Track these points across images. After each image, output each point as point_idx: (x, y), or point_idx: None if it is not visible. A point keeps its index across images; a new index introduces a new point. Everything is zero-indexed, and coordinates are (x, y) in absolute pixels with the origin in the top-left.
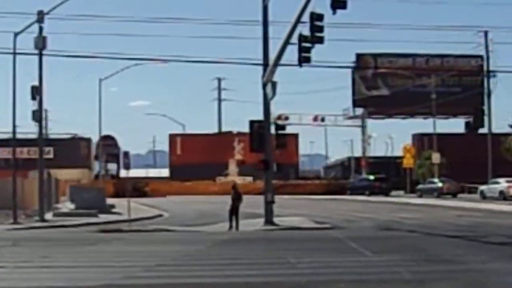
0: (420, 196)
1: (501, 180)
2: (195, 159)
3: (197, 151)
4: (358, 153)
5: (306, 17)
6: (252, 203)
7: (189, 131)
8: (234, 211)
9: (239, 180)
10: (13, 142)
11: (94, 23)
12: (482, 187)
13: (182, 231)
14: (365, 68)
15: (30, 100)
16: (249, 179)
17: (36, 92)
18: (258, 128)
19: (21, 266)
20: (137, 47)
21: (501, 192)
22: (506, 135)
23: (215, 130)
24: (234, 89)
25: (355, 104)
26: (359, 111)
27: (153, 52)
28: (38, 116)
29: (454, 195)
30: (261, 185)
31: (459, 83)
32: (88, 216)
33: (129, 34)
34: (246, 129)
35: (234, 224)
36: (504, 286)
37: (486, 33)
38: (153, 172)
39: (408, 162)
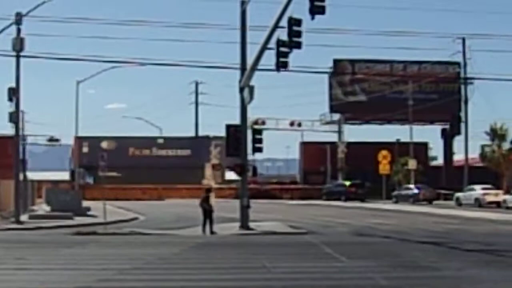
0: (396, 202)
1: (477, 187)
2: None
3: None
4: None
5: (284, 22)
6: (227, 208)
7: (166, 134)
8: (206, 215)
9: (214, 184)
10: None
11: (72, 25)
12: (458, 194)
13: (157, 234)
14: (343, 73)
15: (7, 102)
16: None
17: (13, 93)
18: (234, 133)
19: None
20: (114, 49)
21: (476, 199)
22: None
23: (192, 133)
24: (211, 93)
25: (332, 109)
26: (336, 116)
27: (130, 55)
28: (15, 117)
29: (430, 201)
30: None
31: (436, 90)
32: (63, 219)
33: (106, 37)
34: (223, 133)
35: (207, 228)
36: None
37: (463, 40)
38: None
39: (384, 168)
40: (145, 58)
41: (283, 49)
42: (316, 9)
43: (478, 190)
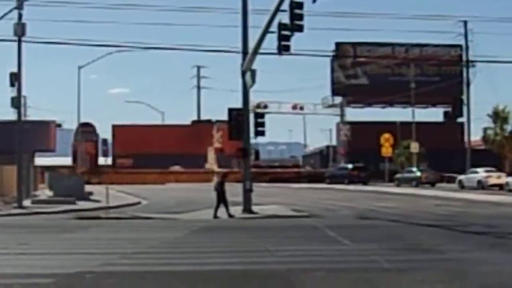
0: (399, 185)
1: (480, 170)
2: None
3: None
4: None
5: (285, 6)
6: (230, 191)
7: (168, 119)
8: (219, 199)
9: (217, 168)
10: None
11: (74, 10)
12: (461, 177)
13: (160, 218)
14: (344, 57)
15: (9, 87)
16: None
17: (15, 78)
18: (236, 116)
19: None
20: (116, 34)
21: (479, 182)
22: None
23: (194, 117)
24: (213, 77)
25: (334, 92)
26: (338, 99)
27: (132, 39)
28: (17, 102)
29: (432, 184)
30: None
31: (438, 73)
32: (66, 204)
33: (108, 21)
34: (225, 117)
35: (219, 212)
36: (482, 275)
37: (465, 22)
38: None
39: (386, 151)
40: (147, 42)
41: (284, 32)
42: None
43: (481, 172)
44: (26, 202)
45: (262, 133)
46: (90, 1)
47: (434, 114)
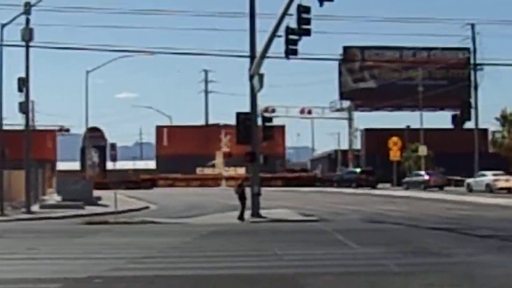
0: (407, 189)
1: (488, 173)
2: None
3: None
4: (344, 145)
5: (293, 10)
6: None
7: (176, 123)
8: (243, 204)
9: (225, 172)
10: (0, 134)
11: (81, 15)
12: (469, 180)
13: (169, 223)
14: (352, 60)
15: (17, 92)
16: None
17: (23, 83)
18: (244, 120)
19: (7, 258)
20: (124, 39)
21: (487, 185)
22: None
23: (202, 122)
24: (221, 81)
25: (342, 96)
26: (346, 103)
27: (140, 44)
28: (25, 107)
29: (440, 187)
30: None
31: (446, 76)
32: (74, 208)
33: (116, 26)
34: (233, 121)
35: (247, 214)
36: (491, 279)
37: (473, 26)
38: (139, 164)
39: (394, 155)
40: (154, 47)
41: (292, 36)
42: None
43: (489, 176)
44: (35, 207)
45: (270, 137)
46: (98, 6)
47: (442, 118)
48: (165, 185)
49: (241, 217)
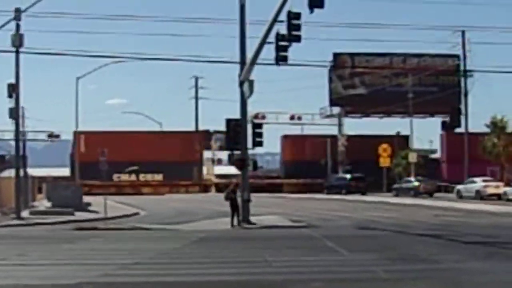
0: (397, 195)
1: (478, 179)
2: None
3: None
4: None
5: (283, 16)
6: (226, 202)
7: (166, 129)
8: (234, 208)
9: (215, 179)
10: None
11: (72, 20)
12: (459, 187)
13: (159, 229)
14: (342, 67)
15: (6, 98)
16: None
17: (13, 90)
18: (234, 127)
19: None
20: (115, 45)
21: (477, 192)
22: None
23: (192, 128)
24: (211, 88)
25: (332, 103)
26: (336, 110)
27: (131, 50)
28: (15, 113)
29: (430, 194)
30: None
31: (436, 83)
32: (64, 214)
33: (107, 32)
34: (223, 127)
35: (235, 220)
36: (479, 285)
37: (463, 32)
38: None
39: (384, 162)
40: (145, 53)
41: (282, 43)
42: (315, 3)
43: (479, 182)
44: (25, 213)
45: (260, 144)
46: (88, 12)
47: (432, 124)
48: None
49: (233, 223)
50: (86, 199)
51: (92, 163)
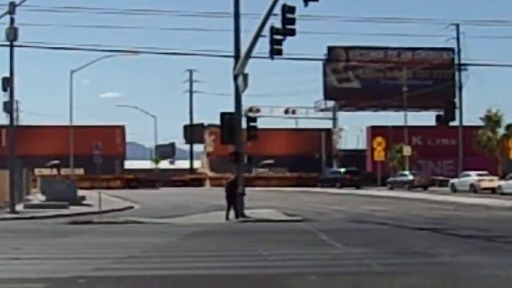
0: (391, 189)
1: (472, 173)
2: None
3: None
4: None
5: (278, 9)
6: (222, 195)
7: (160, 123)
8: (230, 201)
9: (210, 173)
10: None
11: (66, 14)
12: (453, 180)
13: (153, 223)
14: (337, 61)
15: (1, 92)
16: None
17: (7, 83)
18: (229, 120)
19: None
20: (108, 39)
21: (471, 185)
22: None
23: (187, 121)
24: (205, 81)
25: (327, 96)
26: (331, 103)
27: (124, 44)
28: (9, 107)
29: (425, 187)
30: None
31: (430, 76)
32: (58, 208)
33: (100, 26)
34: (217, 121)
35: (232, 214)
36: (474, 279)
37: (457, 26)
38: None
39: (379, 155)
40: (139, 46)
41: (277, 36)
42: None
43: (473, 176)
44: (19, 207)
45: (254, 137)
46: (82, 6)
47: (427, 118)
48: None
49: (228, 217)
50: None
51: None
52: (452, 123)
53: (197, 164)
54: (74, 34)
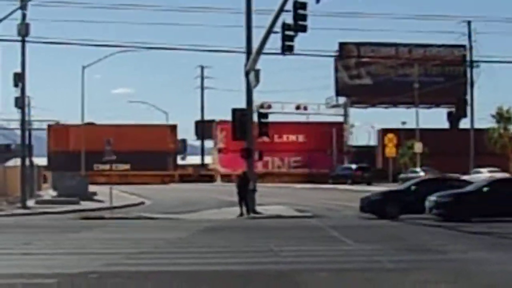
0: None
1: (483, 170)
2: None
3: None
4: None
5: (289, 6)
6: (234, 191)
7: (172, 119)
8: (242, 197)
9: (220, 168)
10: None
11: (78, 10)
12: (464, 177)
13: (164, 218)
14: (348, 57)
15: (13, 87)
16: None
17: (19, 79)
18: (240, 117)
19: (2, 253)
20: (120, 34)
21: None
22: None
23: (198, 117)
24: (217, 77)
25: (338, 93)
26: (342, 100)
27: (136, 39)
28: (21, 102)
29: None
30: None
31: (442, 73)
32: (70, 204)
33: (113, 21)
34: (229, 117)
35: (244, 209)
36: (485, 275)
37: (469, 23)
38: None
39: (390, 152)
40: (151, 42)
41: (288, 32)
42: None
43: (485, 172)
44: (30, 202)
45: (266, 133)
46: (94, 1)
47: (438, 115)
48: None
49: (248, 211)
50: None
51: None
52: (460, 122)
53: (207, 160)
54: (86, 29)
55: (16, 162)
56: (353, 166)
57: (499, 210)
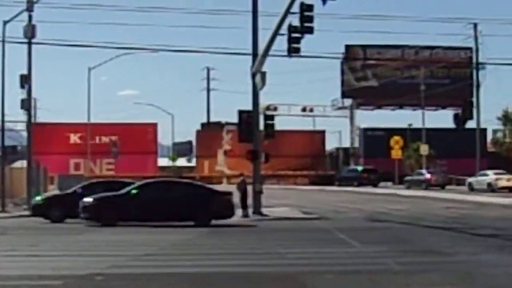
0: (408, 188)
1: (489, 172)
2: None
3: None
4: (346, 144)
5: (296, 8)
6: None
7: (177, 120)
8: (244, 201)
9: (227, 170)
10: (2, 131)
11: (84, 12)
12: (470, 179)
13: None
14: (354, 59)
15: (19, 89)
16: None
17: (25, 80)
18: (246, 119)
19: (8, 254)
20: (126, 36)
21: (489, 184)
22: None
23: (204, 120)
24: (223, 79)
25: (344, 95)
26: (348, 102)
27: (142, 41)
28: (27, 104)
29: (442, 187)
30: None
31: (448, 75)
32: None
33: (118, 23)
34: (235, 119)
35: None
36: (492, 277)
37: (475, 25)
38: None
39: (396, 154)
40: (157, 44)
41: (294, 34)
42: None
43: (490, 175)
44: None
45: (272, 135)
46: (100, 3)
47: (444, 117)
48: None
49: (246, 215)
50: None
51: None
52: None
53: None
54: (92, 31)
55: (22, 163)
56: (360, 168)
57: (146, 214)
